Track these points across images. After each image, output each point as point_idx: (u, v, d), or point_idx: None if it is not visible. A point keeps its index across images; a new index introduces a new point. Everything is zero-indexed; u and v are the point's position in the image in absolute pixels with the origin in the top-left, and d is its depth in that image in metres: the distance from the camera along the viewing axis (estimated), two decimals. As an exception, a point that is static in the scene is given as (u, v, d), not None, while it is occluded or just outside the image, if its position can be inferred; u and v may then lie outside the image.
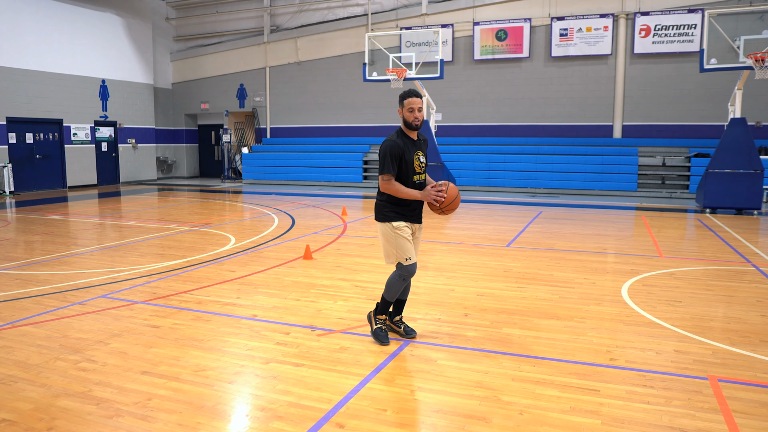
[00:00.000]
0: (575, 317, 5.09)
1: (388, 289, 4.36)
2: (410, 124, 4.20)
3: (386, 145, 4.15)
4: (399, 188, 4.14)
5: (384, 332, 4.42)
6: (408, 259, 4.24)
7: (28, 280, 6.40)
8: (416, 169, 4.22)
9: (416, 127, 4.20)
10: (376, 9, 20.45)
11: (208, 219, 11.50)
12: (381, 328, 4.44)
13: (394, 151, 4.13)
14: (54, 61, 18.11)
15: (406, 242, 4.24)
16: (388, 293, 4.37)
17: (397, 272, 4.30)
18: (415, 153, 4.22)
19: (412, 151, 4.20)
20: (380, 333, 4.41)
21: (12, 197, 16.05)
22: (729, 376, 3.81)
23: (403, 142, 4.18)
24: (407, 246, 4.24)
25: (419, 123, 4.18)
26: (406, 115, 4.19)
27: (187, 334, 4.62)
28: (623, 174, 16.70)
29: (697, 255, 7.95)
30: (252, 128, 23.85)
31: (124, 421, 3.19)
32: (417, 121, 4.17)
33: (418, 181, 4.25)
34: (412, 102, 4.16)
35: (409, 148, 4.20)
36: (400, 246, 4.23)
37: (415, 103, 4.16)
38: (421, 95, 4.24)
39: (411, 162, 4.18)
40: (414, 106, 4.16)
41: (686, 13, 16.79)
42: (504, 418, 3.24)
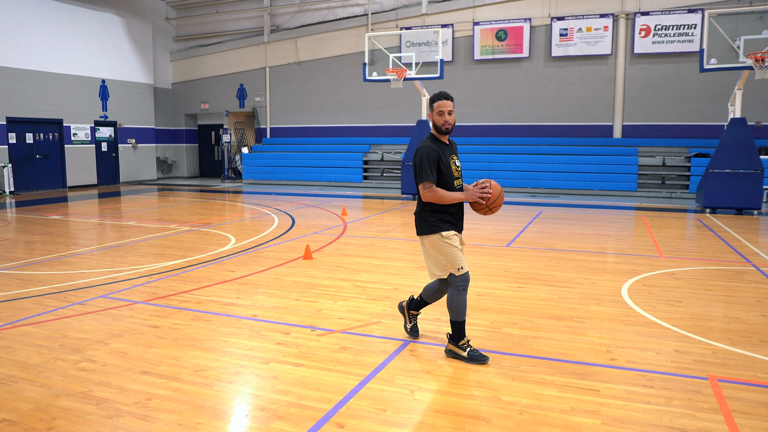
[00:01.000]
0: (575, 317, 5.09)
1: (453, 309, 4.04)
2: (440, 128, 4.02)
3: (422, 151, 3.97)
4: (443, 194, 3.94)
5: (477, 352, 4.05)
6: (461, 268, 4.00)
7: (28, 280, 6.40)
8: (455, 173, 4.07)
9: (447, 131, 4.02)
10: (376, 9, 20.45)
11: (208, 219, 11.50)
12: (473, 351, 4.04)
13: (432, 156, 3.94)
14: (54, 61, 18.11)
15: (457, 251, 4.02)
16: (455, 314, 4.04)
17: (453, 287, 4.03)
18: (451, 157, 4.08)
19: (447, 155, 4.05)
20: (474, 354, 4.03)
21: (12, 197, 16.05)
22: (729, 376, 3.81)
23: (438, 147, 4.01)
24: (458, 255, 4.02)
25: (450, 127, 4.01)
26: (436, 119, 4.01)
27: (187, 334, 4.62)
28: (623, 174, 16.70)
29: (697, 255, 7.95)
30: (252, 128, 23.85)
31: (124, 421, 3.19)
32: (448, 124, 4.00)
33: (458, 186, 4.10)
34: (442, 105, 3.99)
35: (445, 153, 4.04)
36: (451, 255, 3.99)
37: (445, 105, 3.99)
38: (452, 98, 4.04)
39: (449, 166, 4.02)
40: (444, 109, 3.99)
41: (686, 13, 16.79)
42: (504, 418, 3.24)
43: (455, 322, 4.06)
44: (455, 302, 4.02)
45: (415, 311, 4.55)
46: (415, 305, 4.53)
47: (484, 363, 4.00)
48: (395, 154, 19.64)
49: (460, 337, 4.08)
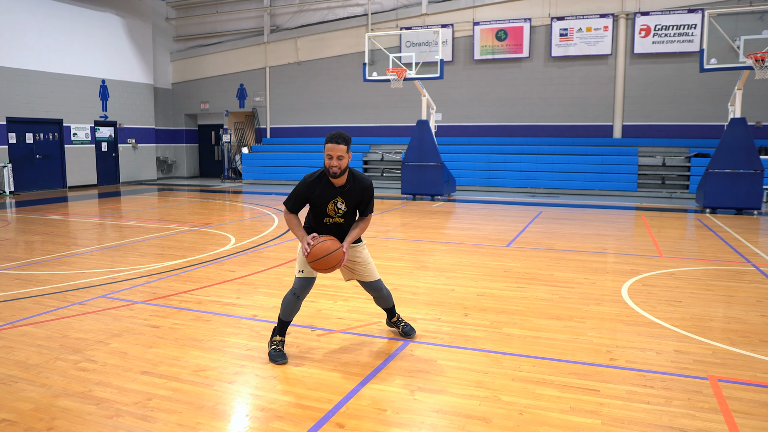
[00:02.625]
0: (575, 317, 5.09)
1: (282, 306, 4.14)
2: (327, 171, 3.88)
3: (300, 183, 3.99)
4: (290, 222, 4.04)
5: (278, 352, 4.07)
6: (301, 271, 4.07)
7: (28, 280, 6.40)
8: (330, 213, 4.02)
9: (333, 175, 3.84)
10: (376, 9, 20.45)
11: (208, 219, 11.50)
12: (275, 349, 4.10)
13: (300, 191, 3.98)
14: (54, 61, 18.11)
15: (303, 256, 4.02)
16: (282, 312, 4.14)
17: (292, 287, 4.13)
18: (334, 200, 3.97)
19: (328, 196, 3.95)
20: (273, 353, 4.07)
21: (12, 197, 16.05)
22: (729, 376, 3.81)
23: (316, 186, 3.94)
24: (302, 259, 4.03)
25: (337, 171, 3.82)
26: (325, 162, 3.87)
27: (187, 334, 4.62)
28: (623, 174, 16.71)
29: (697, 255, 7.95)
30: (252, 128, 23.85)
31: (124, 421, 3.19)
32: (333, 168, 3.82)
33: (330, 223, 4.06)
34: (329, 149, 3.81)
35: (326, 192, 3.94)
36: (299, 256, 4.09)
37: (333, 150, 3.80)
38: (347, 140, 3.84)
39: (324, 204, 3.98)
40: (333, 153, 3.80)
41: (686, 13, 16.79)
42: (504, 418, 3.24)
43: (282, 320, 4.15)
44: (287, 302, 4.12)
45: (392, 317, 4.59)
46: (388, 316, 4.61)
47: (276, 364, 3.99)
48: (395, 154, 19.64)
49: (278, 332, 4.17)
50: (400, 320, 4.61)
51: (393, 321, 4.61)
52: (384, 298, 4.45)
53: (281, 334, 4.17)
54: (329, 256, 3.88)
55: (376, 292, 4.38)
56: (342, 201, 4.01)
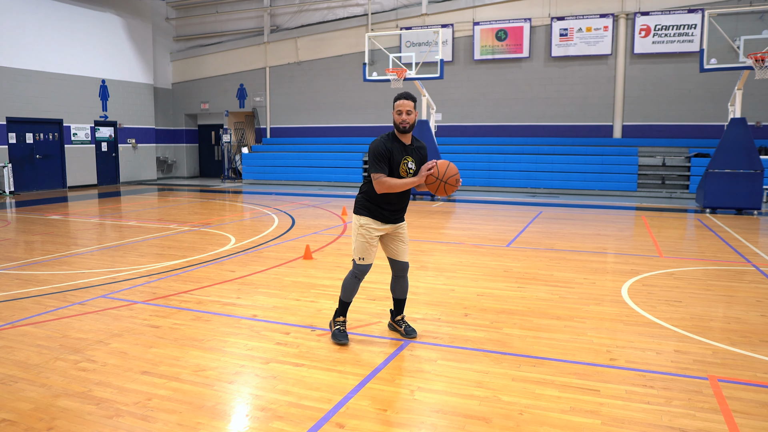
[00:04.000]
0: (575, 317, 5.09)
1: (343, 288, 4.38)
2: (397, 126, 4.15)
3: (373, 145, 4.14)
4: (393, 183, 4.08)
5: (342, 332, 4.39)
6: (361, 258, 4.26)
7: (28, 280, 6.40)
8: (402, 174, 4.16)
9: (403, 129, 4.12)
10: (376, 9, 20.45)
11: (208, 219, 11.50)
12: (339, 330, 4.40)
13: (380, 151, 4.10)
14: (54, 61, 18.11)
15: (365, 243, 4.24)
16: (343, 293, 4.39)
17: (352, 271, 4.34)
18: (404, 158, 4.16)
19: (399, 155, 4.15)
20: (338, 333, 4.39)
21: (12, 197, 16.05)
22: (729, 376, 3.81)
23: (390, 145, 4.13)
24: (365, 246, 4.24)
25: (407, 126, 4.11)
26: (394, 117, 4.15)
27: (187, 334, 4.62)
28: (623, 174, 16.70)
29: (697, 255, 7.95)
30: (252, 128, 23.85)
31: (124, 421, 3.19)
32: (405, 123, 4.10)
33: None
34: (399, 104, 4.11)
35: (398, 151, 4.14)
36: (359, 244, 4.25)
37: (402, 105, 4.10)
38: (414, 98, 4.15)
39: (397, 166, 4.13)
40: (402, 108, 4.09)
41: (686, 13, 16.79)
42: (504, 418, 3.24)
43: (342, 300, 4.40)
44: (346, 283, 4.36)
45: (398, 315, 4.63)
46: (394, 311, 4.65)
47: (340, 344, 4.32)
48: (395, 154, 19.60)
49: (339, 314, 4.43)
50: (404, 321, 4.62)
51: (396, 320, 4.61)
52: (404, 285, 4.51)
53: (344, 314, 4.44)
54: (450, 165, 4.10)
55: (403, 272, 4.45)
56: (412, 160, 4.19)
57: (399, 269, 4.45)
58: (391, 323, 4.66)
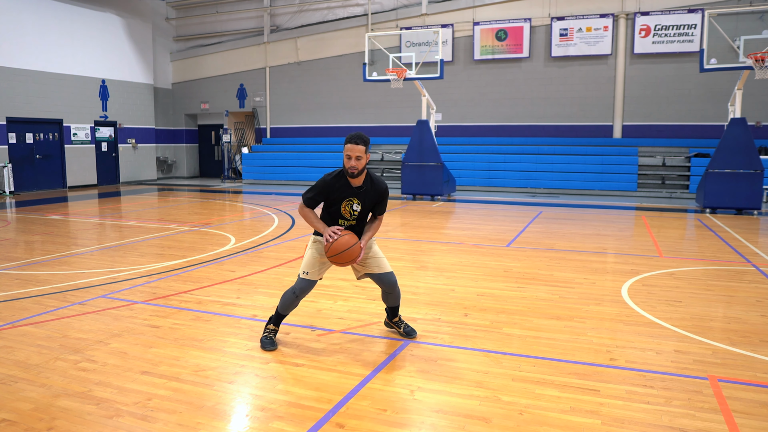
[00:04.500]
0: (575, 317, 5.09)
1: (282, 300, 4.28)
2: (346, 170, 3.96)
3: (320, 180, 4.05)
4: (307, 215, 4.09)
5: (269, 340, 4.29)
6: (305, 273, 4.18)
7: (28, 280, 6.40)
8: (344, 214, 4.08)
9: (351, 174, 3.93)
10: (376, 9, 20.45)
11: (208, 219, 11.50)
12: (266, 338, 4.31)
13: (322, 187, 4.02)
14: (54, 61, 18.10)
15: (311, 257, 4.19)
16: (281, 305, 4.29)
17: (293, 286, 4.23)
18: (348, 199, 4.03)
19: (341, 195, 4.02)
20: (265, 340, 4.29)
21: (12, 197, 16.05)
22: (729, 376, 3.81)
23: (335, 182, 4.01)
24: (314, 260, 4.18)
25: (355, 172, 3.91)
26: (344, 161, 3.95)
27: (187, 334, 4.62)
28: (623, 174, 16.70)
29: (697, 255, 7.95)
30: (252, 128, 23.85)
31: (124, 421, 3.19)
32: (353, 169, 3.91)
33: (344, 226, 4.12)
34: (348, 149, 3.90)
35: (340, 191, 4.01)
36: (305, 259, 4.22)
37: (351, 150, 3.89)
38: (366, 141, 3.93)
39: (338, 204, 4.04)
40: (351, 153, 3.89)
41: (686, 13, 16.79)
42: (504, 418, 3.24)
43: (278, 311, 4.32)
44: (286, 298, 4.26)
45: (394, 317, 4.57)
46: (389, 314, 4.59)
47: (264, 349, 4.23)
48: (395, 154, 19.64)
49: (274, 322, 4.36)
50: (402, 321, 4.59)
51: (394, 321, 4.59)
52: (394, 295, 4.41)
53: (276, 324, 4.36)
54: (348, 250, 3.97)
55: (389, 286, 4.31)
56: (358, 202, 4.07)
57: (387, 282, 4.30)
58: (388, 322, 4.66)
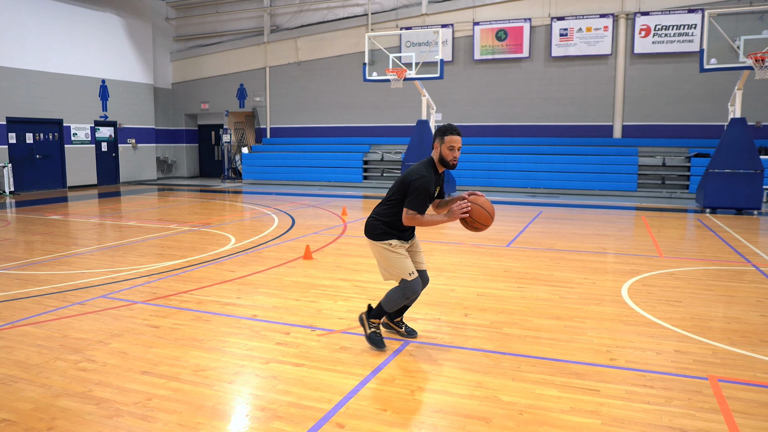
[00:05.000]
0: (575, 317, 5.09)
1: (388, 300, 4.20)
2: (447, 163, 4.03)
3: (422, 181, 3.94)
4: (424, 220, 3.98)
5: (380, 337, 4.27)
6: (411, 273, 4.09)
7: (28, 280, 6.40)
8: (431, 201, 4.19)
9: (453, 167, 4.04)
10: (376, 9, 20.45)
11: (208, 219, 11.50)
12: (376, 333, 4.28)
13: (429, 189, 3.98)
14: (54, 61, 18.10)
15: (405, 259, 4.12)
16: (387, 304, 4.22)
17: (401, 288, 4.14)
18: (436, 188, 4.15)
19: (436, 185, 4.13)
20: (375, 337, 4.26)
21: (12, 197, 16.05)
22: (729, 376, 3.81)
23: (434, 175, 4.06)
24: (406, 262, 4.11)
25: (456, 163, 4.03)
26: (445, 152, 3.99)
27: (187, 334, 4.62)
28: (623, 174, 16.70)
29: (697, 255, 7.95)
30: (252, 128, 23.85)
31: (124, 421, 3.19)
32: (456, 161, 4.02)
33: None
34: (453, 140, 3.98)
35: (436, 182, 4.12)
36: (399, 264, 4.10)
37: (456, 141, 3.99)
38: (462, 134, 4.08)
39: (432, 196, 4.11)
40: (455, 144, 3.99)
41: (686, 13, 16.79)
42: (504, 418, 3.24)
43: (381, 307, 4.23)
44: (393, 296, 4.16)
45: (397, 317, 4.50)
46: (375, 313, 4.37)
47: (378, 349, 4.20)
48: (395, 154, 19.64)
49: (376, 317, 4.28)
50: (403, 321, 4.57)
51: (396, 321, 4.54)
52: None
53: (379, 318, 4.28)
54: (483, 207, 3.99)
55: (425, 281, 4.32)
56: (441, 188, 4.23)
57: (425, 280, 4.34)
58: (390, 324, 4.59)
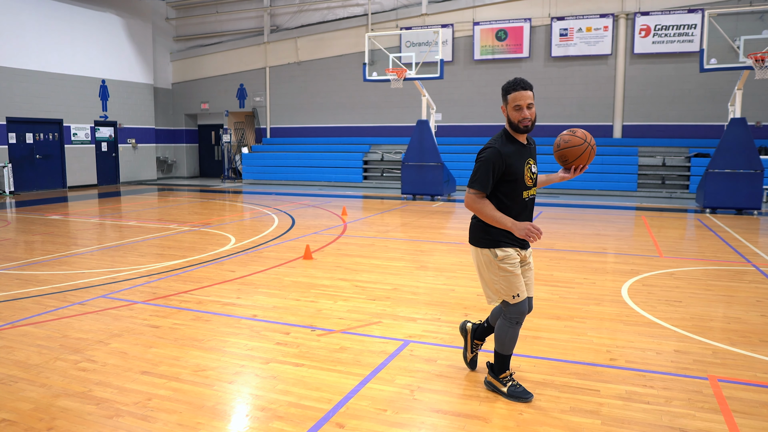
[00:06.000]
0: (575, 317, 5.09)
1: (499, 340, 3.43)
2: (517, 126, 3.21)
3: (488, 153, 3.19)
4: (486, 210, 3.20)
5: (520, 387, 3.44)
6: (516, 296, 3.30)
7: (28, 280, 6.40)
8: (527, 182, 3.28)
9: (525, 129, 3.20)
10: (376, 9, 20.45)
11: (208, 219, 11.50)
12: (514, 386, 3.44)
13: (497, 162, 3.16)
14: (54, 61, 18.10)
15: (514, 276, 3.29)
16: (500, 345, 3.44)
17: (504, 316, 3.39)
18: (527, 162, 3.27)
19: (522, 160, 3.25)
20: (516, 391, 3.42)
21: (12, 197, 16.05)
22: (729, 376, 3.81)
23: (511, 149, 3.23)
24: (515, 280, 3.29)
25: (530, 124, 3.18)
26: (511, 114, 3.21)
27: (187, 334, 4.62)
28: (623, 174, 16.70)
29: (697, 255, 7.95)
30: (252, 128, 23.85)
31: (124, 421, 3.19)
32: (527, 121, 3.18)
33: (528, 197, 3.32)
34: (518, 96, 3.17)
35: (519, 156, 3.24)
36: (507, 281, 3.29)
37: (523, 98, 3.16)
38: (532, 86, 3.24)
39: (521, 174, 3.23)
40: (522, 102, 3.17)
41: (686, 13, 16.79)
42: (504, 418, 3.24)
43: (497, 353, 3.48)
44: (502, 333, 3.41)
45: (479, 341, 3.83)
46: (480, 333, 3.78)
47: (526, 401, 3.38)
48: (395, 154, 19.64)
49: (501, 370, 3.50)
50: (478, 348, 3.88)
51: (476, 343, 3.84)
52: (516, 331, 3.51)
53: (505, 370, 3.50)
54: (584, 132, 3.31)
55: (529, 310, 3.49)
56: (534, 162, 3.34)
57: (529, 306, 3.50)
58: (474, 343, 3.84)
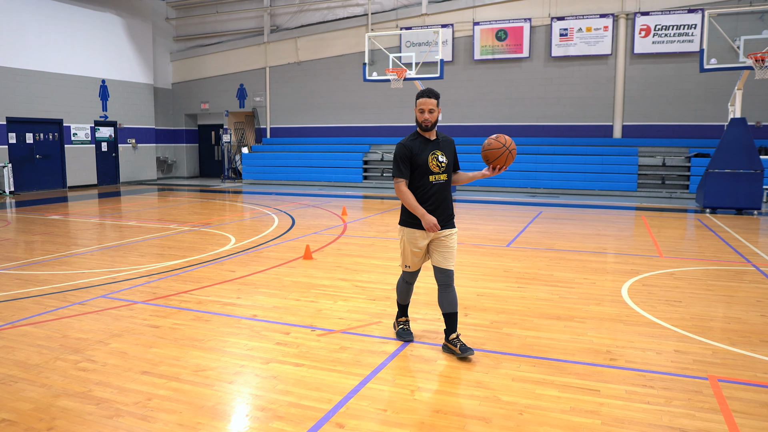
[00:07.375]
0: (575, 317, 5.09)
1: (398, 292, 4.60)
2: (420, 125, 4.22)
3: (396, 148, 4.23)
4: (407, 198, 4.17)
5: (407, 331, 4.55)
6: (407, 267, 4.42)
7: (28, 280, 6.40)
8: (433, 169, 4.18)
9: (425, 128, 4.19)
10: (376, 9, 20.45)
11: (208, 219, 11.50)
12: (402, 329, 4.57)
13: (403, 154, 4.18)
14: (54, 61, 18.10)
15: (410, 251, 4.32)
16: (398, 296, 4.61)
17: (402, 276, 4.53)
18: (432, 152, 4.20)
19: (427, 151, 4.20)
20: (401, 333, 4.55)
21: (12, 197, 16.05)
22: (729, 376, 3.81)
23: (417, 143, 4.21)
24: (409, 255, 4.34)
25: (429, 124, 4.16)
26: (417, 116, 4.21)
27: (187, 334, 4.62)
28: (623, 174, 16.70)
29: (697, 255, 7.95)
30: (252, 128, 23.85)
31: (124, 421, 3.20)
32: (427, 122, 4.16)
33: (436, 181, 4.20)
34: (422, 103, 4.18)
35: (424, 148, 4.20)
36: (403, 253, 4.40)
37: (425, 104, 4.17)
38: (437, 95, 4.23)
39: (425, 162, 4.17)
40: (424, 107, 4.17)
41: (686, 13, 16.79)
42: (504, 418, 3.24)
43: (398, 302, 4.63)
44: (399, 287, 4.60)
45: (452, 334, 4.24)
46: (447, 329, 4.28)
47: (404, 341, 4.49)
48: (395, 154, 19.60)
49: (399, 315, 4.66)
50: (459, 339, 4.20)
51: (451, 339, 4.20)
52: (451, 296, 4.21)
53: (405, 315, 4.64)
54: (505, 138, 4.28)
55: (448, 280, 4.24)
56: (441, 153, 4.24)
57: (446, 277, 4.22)
58: (446, 344, 4.24)
